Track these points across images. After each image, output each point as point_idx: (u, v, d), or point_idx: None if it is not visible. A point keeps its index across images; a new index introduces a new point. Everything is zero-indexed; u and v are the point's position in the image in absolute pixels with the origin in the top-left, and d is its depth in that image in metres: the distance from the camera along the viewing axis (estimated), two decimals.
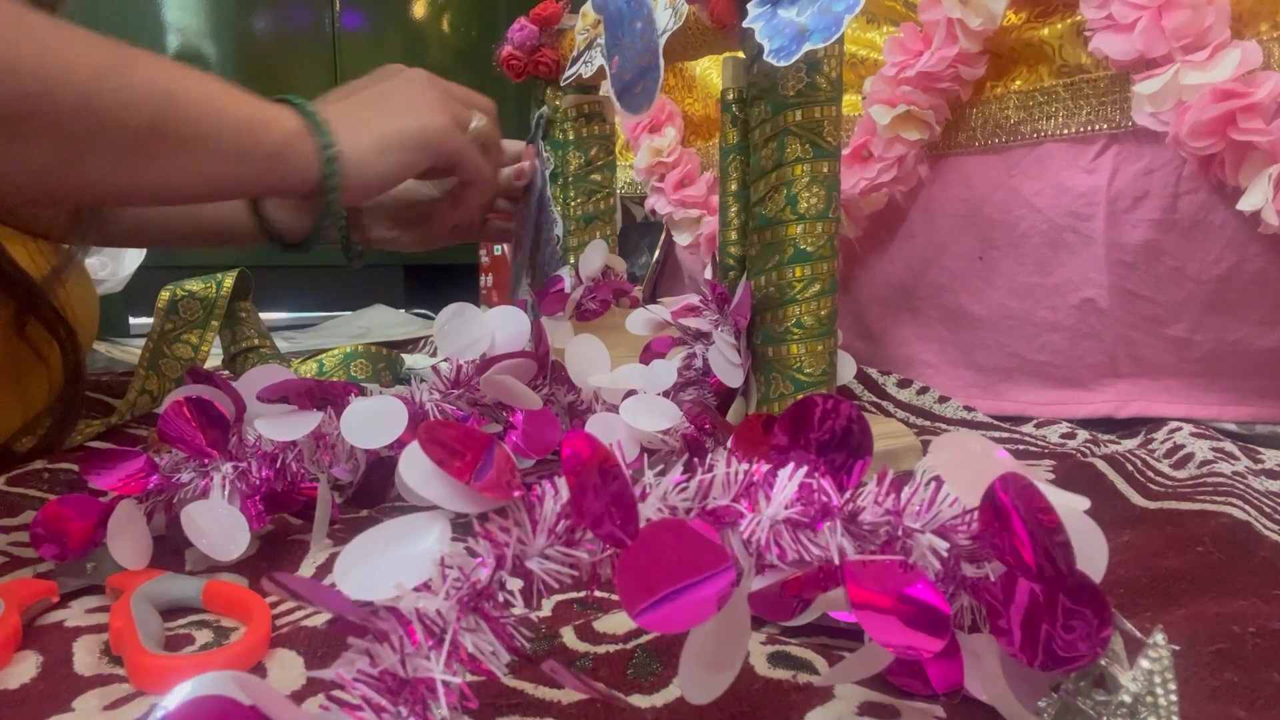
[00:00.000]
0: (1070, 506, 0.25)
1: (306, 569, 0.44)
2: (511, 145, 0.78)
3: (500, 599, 0.24)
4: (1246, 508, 0.48)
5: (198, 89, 0.46)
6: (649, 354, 0.60)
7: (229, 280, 0.79)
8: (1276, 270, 0.63)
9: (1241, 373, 0.67)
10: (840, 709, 0.30)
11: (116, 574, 0.40)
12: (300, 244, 0.67)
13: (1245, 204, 0.59)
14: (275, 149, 0.50)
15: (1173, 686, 0.23)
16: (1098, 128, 0.67)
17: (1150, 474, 0.57)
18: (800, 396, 0.42)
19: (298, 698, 0.32)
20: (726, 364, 0.55)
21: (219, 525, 0.42)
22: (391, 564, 0.24)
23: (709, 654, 0.27)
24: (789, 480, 0.26)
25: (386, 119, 0.56)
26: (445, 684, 0.22)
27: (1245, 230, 0.62)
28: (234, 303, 0.81)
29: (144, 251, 1.25)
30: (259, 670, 0.33)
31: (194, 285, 0.78)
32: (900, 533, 0.26)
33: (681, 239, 1.03)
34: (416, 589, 0.23)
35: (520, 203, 0.78)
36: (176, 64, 0.47)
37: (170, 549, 0.43)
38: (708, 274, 0.62)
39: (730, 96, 0.59)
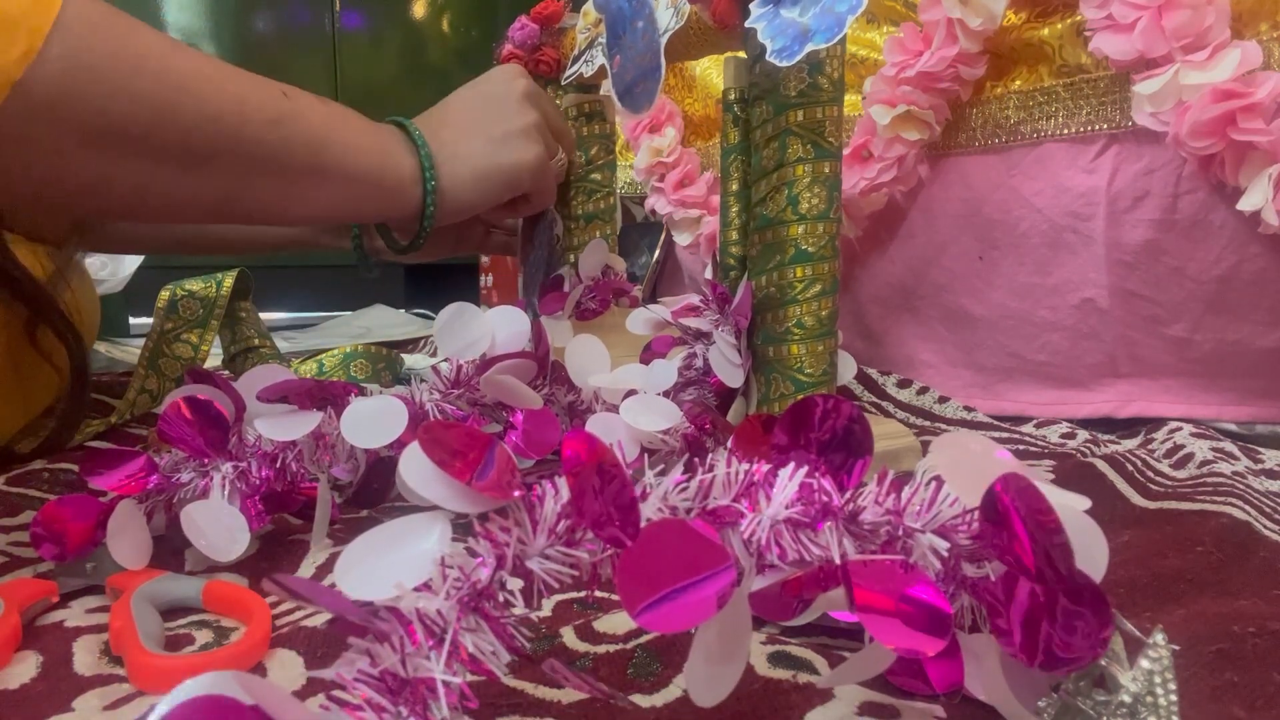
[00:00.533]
0: (1070, 506, 0.25)
1: (306, 569, 0.44)
2: None
3: (500, 599, 0.24)
4: (1246, 508, 0.48)
5: (345, 133, 0.53)
6: (649, 354, 0.60)
7: (229, 280, 0.79)
8: (1276, 270, 0.63)
9: (1241, 373, 0.67)
10: (840, 709, 0.30)
11: (116, 574, 0.40)
12: (404, 249, 0.71)
13: (1245, 204, 0.59)
14: (395, 185, 0.56)
15: (1173, 686, 0.23)
16: (1098, 128, 0.67)
17: (1150, 474, 0.57)
18: (801, 397, 0.42)
19: (298, 698, 0.32)
20: (727, 364, 0.55)
21: (219, 525, 0.42)
22: (392, 564, 0.24)
23: (712, 654, 0.27)
24: (789, 480, 0.26)
25: (487, 150, 0.60)
26: (445, 684, 0.22)
27: (1245, 230, 0.62)
28: (234, 303, 0.81)
29: None
30: (259, 670, 0.33)
31: (194, 285, 0.78)
32: (901, 533, 0.26)
33: (681, 239, 1.03)
34: (417, 589, 0.23)
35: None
36: (326, 108, 0.53)
37: (170, 549, 0.43)
38: (708, 274, 0.62)
39: (732, 96, 0.59)
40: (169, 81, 0.43)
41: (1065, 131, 0.69)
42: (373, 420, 0.46)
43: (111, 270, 1.22)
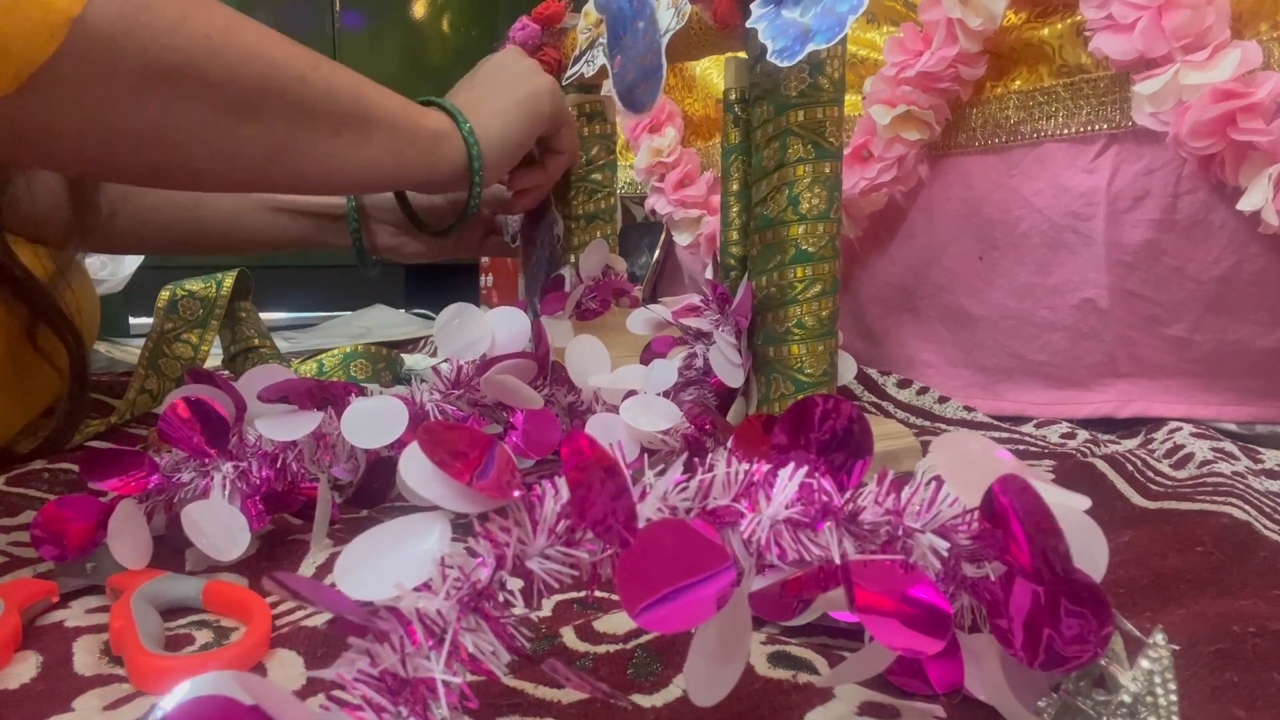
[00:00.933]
0: (1070, 506, 0.25)
1: (306, 569, 0.44)
2: None
3: (500, 599, 0.24)
4: (1246, 508, 0.48)
5: (373, 85, 0.53)
6: (649, 354, 0.60)
7: (229, 280, 0.80)
8: (1276, 270, 0.63)
9: (1241, 373, 0.67)
10: (840, 709, 0.30)
11: (116, 574, 0.40)
12: (446, 230, 0.72)
13: (1245, 204, 0.59)
14: (434, 136, 0.56)
15: (1173, 686, 0.23)
16: (1098, 128, 0.67)
17: (1150, 474, 0.57)
18: (801, 397, 0.42)
19: (298, 698, 0.32)
20: (727, 364, 0.55)
21: (219, 525, 0.42)
22: (392, 564, 0.24)
23: (712, 654, 0.27)
24: (789, 480, 0.26)
25: (502, 94, 0.61)
26: (445, 684, 0.22)
27: (1245, 230, 0.62)
28: (234, 303, 0.81)
29: None
30: (259, 670, 0.33)
31: (194, 285, 0.78)
32: (901, 533, 0.26)
33: (681, 239, 1.03)
34: (417, 589, 0.23)
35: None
36: (347, 67, 0.52)
37: (170, 549, 0.43)
38: (708, 274, 0.62)
39: (733, 97, 0.59)
40: (217, 18, 0.43)
41: (1065, 131, 0.69)
42: (373, 420, 0.46)
43: (111, 270, 1.22)
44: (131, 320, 1.58)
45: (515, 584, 0.24)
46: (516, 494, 0.25)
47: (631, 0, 0.61)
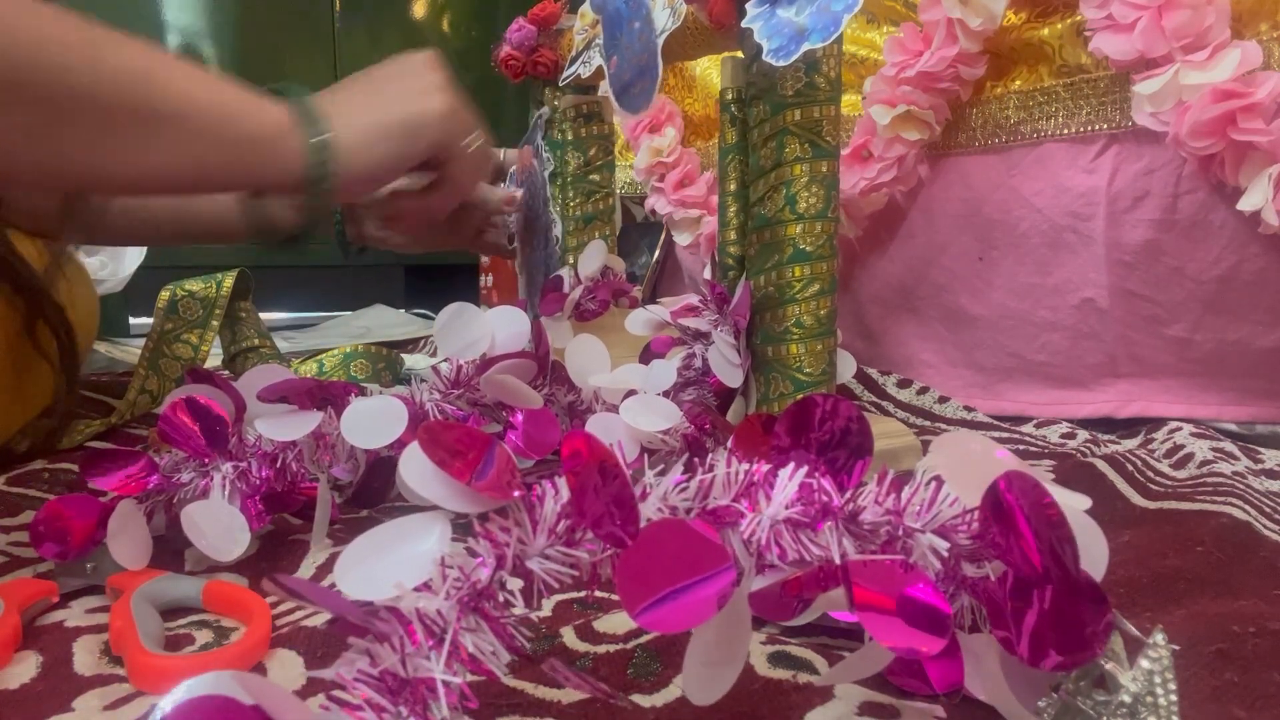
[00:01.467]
0: (1071, 506, 0.25)
1: (306, 569, 0.44)
2: (509, 153, 0.79)
3: (500, 599, 0.24)
4: (1247, 508, 0.48)
5: (175, 73, 0.45)
6: (649, 354, 0.60)
7: (229, 280, 0.80)
8: (1276, 270, 0.63)
9: (1241, 373, 0.67)
10: (840, 709, 0.30)
11: (116, 574, 0.40)
12: (291, 240, 0.61)
13: (1245, 204, 0.59)
14: (252, 137, 0.47)
15: (1173, 686, 0.23)
16: (1098, 128, 0.67)
17: (1150, 474, 0.57)
18: (800, 396, 0.42)
19: (298, 698, 0.32)
20: (726, 364, 0.55)
21: (219, 525, 0.42)
22: (392, 564, 0.24)
23: (711, 654, 0.27)
24: (789, 480, 0.26)
25: (383, 106, 0.53)
26: (445, 684, 0.22)
27: (1245, 230, 0.62)
28: (234, 303, 0.81)
29: (144, 251, 1.25)
30: (259, 670, 0.33)
31: (194, 285, 0.78)
32: (900, 533, 0.26)
33: (681, 239, 1.03)
34: (417, 589, 0.23)
35: (522, 208, 0.79)
36: (157, 49, 0.45)
37: (170, 549, 0.43)
38: (707, 274, 0.62)
39: (729, 96, 0.58)
40: None
41: (1065, 131, 0.69)
42: (373, 420, 0.46)
43: (111, 270, 1.22)
44: (131, 320, 1.58)
45: (515, 584, 0.24)
46: (516, 494, 0.25)
47: (628, 1, 0.61)
